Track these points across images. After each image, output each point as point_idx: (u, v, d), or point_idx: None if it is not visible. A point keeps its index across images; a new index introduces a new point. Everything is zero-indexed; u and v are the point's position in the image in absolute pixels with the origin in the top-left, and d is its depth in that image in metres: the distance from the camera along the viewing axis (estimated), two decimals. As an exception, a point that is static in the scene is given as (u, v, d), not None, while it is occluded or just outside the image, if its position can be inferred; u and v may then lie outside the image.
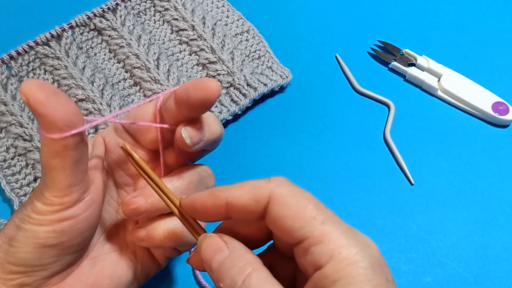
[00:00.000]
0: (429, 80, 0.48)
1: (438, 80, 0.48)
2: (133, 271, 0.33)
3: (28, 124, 0.43)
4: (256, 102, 0.48)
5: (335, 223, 0.24)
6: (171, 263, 0.40)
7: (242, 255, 0.25)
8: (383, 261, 0.25)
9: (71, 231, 0.28)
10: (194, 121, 0.30)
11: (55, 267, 0.29)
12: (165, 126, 0.30)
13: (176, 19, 0.50)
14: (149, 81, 0.46)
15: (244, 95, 0.46)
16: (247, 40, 0.50)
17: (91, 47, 0.48)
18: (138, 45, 0.47)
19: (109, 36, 0.48)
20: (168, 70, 0.47)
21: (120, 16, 0.49)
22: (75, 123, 0.25)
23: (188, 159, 0.32)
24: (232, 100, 0.47)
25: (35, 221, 0.27)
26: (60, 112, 0.25)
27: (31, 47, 0.46)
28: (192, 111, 0.29)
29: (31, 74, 0.46)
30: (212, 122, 0.31)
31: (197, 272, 0.39)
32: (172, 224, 0.31)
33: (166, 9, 0.50)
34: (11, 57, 0.46)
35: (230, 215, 0.27)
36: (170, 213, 0.30)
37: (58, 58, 0.47)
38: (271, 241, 0.29)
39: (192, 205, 0.27)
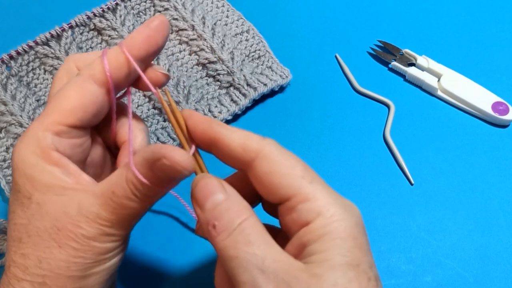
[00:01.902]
0: (429, 80, 0.48)
1: (438, 80, 0.48)
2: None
3: (28, 124, 0.43)
4: (256, 102, 0.48)
5: (321, 184, 0.26)
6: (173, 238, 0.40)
7: (239, 200, 0.26)
8: (363, 223, 0.26)
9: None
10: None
11: None
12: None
13: (176, 19, 0.50)
14: (149, 81, 0.46)
15: (244, 95, 0.46)
16: (247, 40, 0.50)
17: (91, 47, 0.48)
18: (138, 45, 0.47)
19: (109, 36, 0.48)
20: (168, 70, 0.47)
21: (120, 16, 0.49)
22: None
23: None
24: (232, 100, 0.47)
25: (108, 259, 0.27)
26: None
27: (31, 47, 0.46)
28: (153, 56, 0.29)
29: (31, 74, 0.46)
30: None
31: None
32: None
33: (166, 9, 0.50)
34: (11, 57, 0.46)
35: (212, 150, 0.27)
36: None
37: (58, 58, 0.47)
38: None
39: (187, 119, 0.28)
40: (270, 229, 0.29)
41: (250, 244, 0.24)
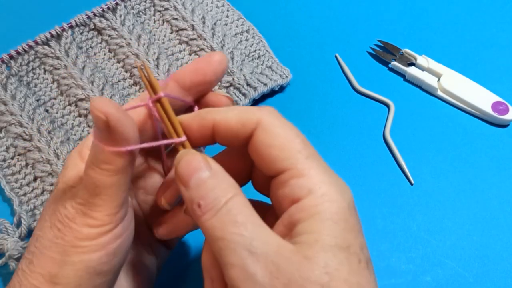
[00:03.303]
0: (429, 79, 0.48)
1: (438, 80, 0.48)
2: (156, 265, 0.33)
3: (28, 123, 0.43)
4: (256, 102, 0.48)
5: (318, 161, 0.25)
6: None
7: (225, 177, 0.25)
8: (354, 205, 0.26)
9: (120, 250, 0.26)
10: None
11: None
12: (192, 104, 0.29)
13: (176, 19, 0.50)
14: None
15: (244, 94, 0.46)
16: (246, 39, 0.50)
17: (90, 47, 0.48)
18: (138, 45, 0.47)
19: (109, 35, 0.48)
20: (168, 69, 0.47)
21: (120, 16, 0.49)
22: (137, 140, 0.25)
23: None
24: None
25: (84, 249, 0.25)
26: (131, 129, 0.24)
27: (31, 47, 0.46)
28: (206, 89, 0.29)
29: (31, 74, 0.46)
30: None
31: None
32: None
33: (166, 9, 0.50)
34: (11, 57, 0.46)
35: (215, 139, 0.27)
36: None
37: (58, 58, 0.47)
38: None
39: (181, 124, 0.27)
40: (259, 205, 0.29)
41: (237, 225, 0.23)
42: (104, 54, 0.48)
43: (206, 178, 0.24)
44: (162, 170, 0.32)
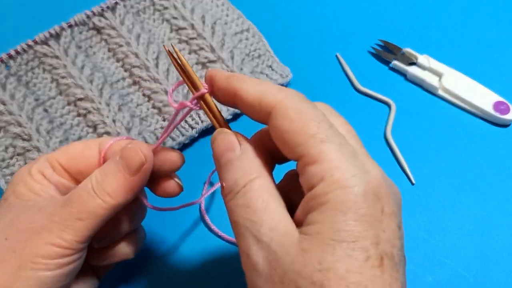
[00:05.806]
0: (430, 79, 0.47)
1: (439, 79, 0.48)
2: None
3: (27, 123, 0.43)
4: (256, 101, 0.48)
5: (335, 144, 0.23)
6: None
7: (251, 158, 0.25)
8: (384, 190, 0.23)
9: (73, 272, 0.28)
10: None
11: None
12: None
13: (176, 18, 0.49)
14: (148, 80, 0.46)
15: (244, 94, 0.46)
16: (247, 39, 0.49)
17: (90, 46, 0.48)
18: (137, 44, 0.47)
19: (108, 35, 0.48)
20: (167, 69, 0.47)
21: (119, 15, 0.48)
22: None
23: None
24: (232, 99, 0.46)
25: (42, 266, 0.26)
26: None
27: (30, 46, 0.46)
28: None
29: (30, 73, 0.46)
30: None
31: (206, 217, 0.40)
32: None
33: (166, 8, 0.50)
34: (10, 56, 0.46)
35: (235, 104, 0.26)
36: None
37: (57, 57, 0.46)
38: None
39: (211, 78, 0.27)
40: None
41: (249, 210, 0.23)
42: (104, 54, 0.48)
43: (233, 159, 0.25)
44: None
